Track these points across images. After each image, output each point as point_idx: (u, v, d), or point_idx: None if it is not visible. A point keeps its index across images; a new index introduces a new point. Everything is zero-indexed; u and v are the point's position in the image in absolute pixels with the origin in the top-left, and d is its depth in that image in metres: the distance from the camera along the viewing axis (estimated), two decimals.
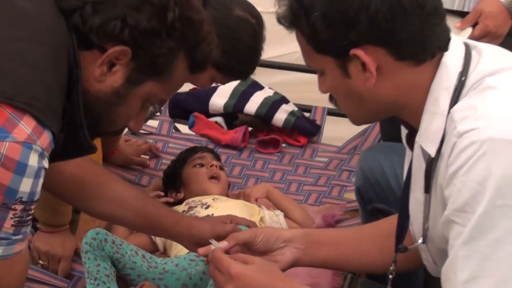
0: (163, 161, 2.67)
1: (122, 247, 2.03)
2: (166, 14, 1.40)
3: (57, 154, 1.40)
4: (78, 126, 1.43)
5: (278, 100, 2.84)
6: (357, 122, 1.58)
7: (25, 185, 1.28)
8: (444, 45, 1.44)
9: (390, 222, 1.72)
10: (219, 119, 2.93)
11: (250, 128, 2.87)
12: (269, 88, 2.93)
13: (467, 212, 1.30)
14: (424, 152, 1.45)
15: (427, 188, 1.46)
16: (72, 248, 2.15)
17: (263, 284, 1.57)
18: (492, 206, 1.27)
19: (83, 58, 1.40)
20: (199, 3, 1.52)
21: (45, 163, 1.31)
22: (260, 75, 2.95)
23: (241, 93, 2.89)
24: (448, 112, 1.39)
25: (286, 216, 2.37)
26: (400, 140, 2.02)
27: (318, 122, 2.90)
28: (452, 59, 1.43)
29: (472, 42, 1.51)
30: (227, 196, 2.40)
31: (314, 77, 1.53)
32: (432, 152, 1.41)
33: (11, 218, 1.29)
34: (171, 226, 1.91)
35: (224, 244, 1.72)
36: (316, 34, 1.40)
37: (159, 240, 2.27)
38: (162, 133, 2.89)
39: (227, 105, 2.89)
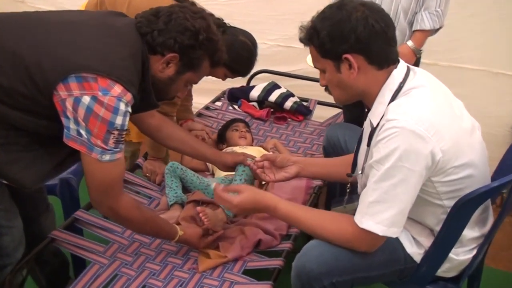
0: (221, 124, 2.63)
1: (186, 171, 2.08)
2: (198, 36, 1.46)
3: (138, 108, 1.48)
4: (148, 93, 1.49)
5: (288, 95, 2.84)
6: (340, 102, 1.55)
7: (118, 120, 1.33)
8: (395, 60, 1.43)
9: (349, 158, 1.71)
10: (254, 103, 2.93)
11: (272, 109, 2.86)
12: (284, 88, 2.92)
13: (381, 164, 1.33)
14: (370, 123, 1.45)
15: (369, 143, 1.45)
16: (163, 169, 2.14)
17: (252, 203, 1.54)
18: (395, 165, 1.30)
19: (151, 59, 1.45)
20: (216, 30, 1.55)
21: (129, 109, 1.37)
22: (280, 80, 3.03)
23: (267, 90, 2.88)
24: (388, 104, 1.39)
25: None
26: (353, 123, 2.15)
27: (311, 108, 2.88)
28: (397, 73, 1.42)
29: (412, 66, 1.49)
30: (251, 145, 2.39)
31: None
32: (374, 124, 1.41)
33: (112, 138, 1.35)
34: (210, 155, 1.96)
35: (258, 159, 1.81)
36: (323, 45, 1.39)
37: (210, 166, 2.27)
38: (223, 109, 2.90)
39: (259, 96, 2.88)
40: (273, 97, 2.85)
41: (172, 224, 1.70)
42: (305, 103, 2.90)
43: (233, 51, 1.99)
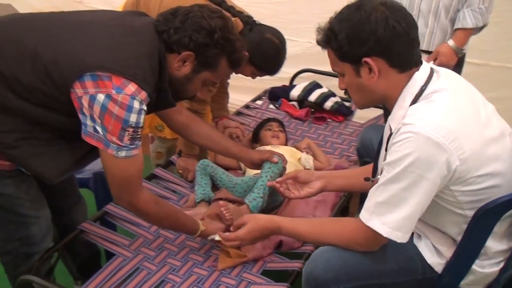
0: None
1: (216, 169, 2.08)
2: (213, 35, 1.46)
3: (155, 106, 1.51)
4: (165, 92, 1.50)
5: (329, 94, 2.79)
6: (360, 107, 1.45)
7: (132, 118, 1.35)
8: (418, 63, 1.36)
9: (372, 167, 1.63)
10: (294, 103, 2.90)
11: (312, 109, 2.83)
12: (326, 87, 2.87)
13: (391, 167, 1.28)
14: (390, 128, 1.39)
15: (386, 148, 1.38)
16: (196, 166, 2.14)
17: (256, 231, 1.56)
18: (405, 169, 1.26)
19: (168, 57, 1.47)
20: (235, 29, 1.56)
21: (144, 107, 1.38)
22: (323, 80, 2.98)
23: (308, 89, 2.85)
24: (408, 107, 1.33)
25: (315, 159, 2.29)
26: None
27: (353, 108, 2.80)
28: (419, 75, 1.35)
29: (436, 68, 1.41)
30: (284, 145, 2.36)
31: None
32: (393, 128, 1.34)
33: (127, 135, 1.37)
34: (237, 153, 1.96)
35: (280, 179, 1.73)
36: (341, 48, 1.33)
37: (242, 164, 2.23)
38: (263, 108, 2.90)
39: (299, 95, 2.86)
40: (313, 96, 2.81)
41: (194, 220, 1.70)
42: (347, 104, 2.83)
43: (259, 49, 1.97)
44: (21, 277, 1.55)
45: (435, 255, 1.44)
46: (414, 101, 1.33)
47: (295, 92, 2.88)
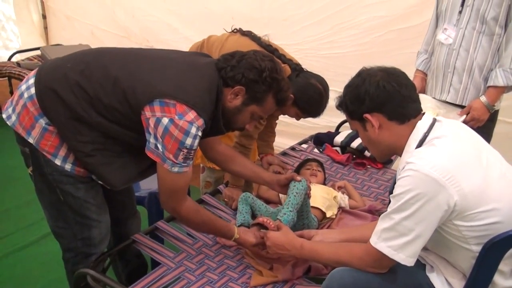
0: None
1: (256, 201, 2.23)
2: (262, 73, 1.68)
3: (208, 133, 1.70)
4: (218, 121, 1.70)
5: None
6: (379, 159, 1.68)
7: (188, 141, 1.57)
8: (415, 115, 1.54)
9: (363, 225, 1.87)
10: (337, 148, 3.05)
11: (353, 155, 2.97)
12: None
13: (396, 200, 1.44)
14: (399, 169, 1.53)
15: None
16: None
17: (282, 240, 1.78)
18: (406, 202, 1.40)
19: (224, 90, 1.69)
20: (282, 72, 1.75)
21: (199, 133, 1.59)
22: None
23: (351, 136, 3.00)
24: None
25: (350, 198, 2.43)
26: None
27: (392, 157, 2.79)
28: (422, 124, 1.53)
29: (440, 118, 1.57)
30: (322, 184, 2.49)
31: None
32: (400, 169, 1.50)
33: (181, 155, 1.58)
34: (266, 177, 2.15)
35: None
36: (347, 108, 1.60)
37: (282, 198, 2.36)
38: (307, 151, 3.06)
39: (342, 142, 3.02)
40: (355, 143, 2.96)
41: (231, 227, 1.93)
42: None
43: (304, 93, 2.16)
44: (79, 270, 1.77)
45: (446, 286, 1.55)
46: (418, 146, 1.50)
47: (338, 138, 3.05)
